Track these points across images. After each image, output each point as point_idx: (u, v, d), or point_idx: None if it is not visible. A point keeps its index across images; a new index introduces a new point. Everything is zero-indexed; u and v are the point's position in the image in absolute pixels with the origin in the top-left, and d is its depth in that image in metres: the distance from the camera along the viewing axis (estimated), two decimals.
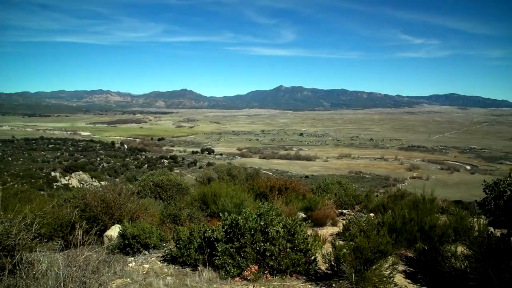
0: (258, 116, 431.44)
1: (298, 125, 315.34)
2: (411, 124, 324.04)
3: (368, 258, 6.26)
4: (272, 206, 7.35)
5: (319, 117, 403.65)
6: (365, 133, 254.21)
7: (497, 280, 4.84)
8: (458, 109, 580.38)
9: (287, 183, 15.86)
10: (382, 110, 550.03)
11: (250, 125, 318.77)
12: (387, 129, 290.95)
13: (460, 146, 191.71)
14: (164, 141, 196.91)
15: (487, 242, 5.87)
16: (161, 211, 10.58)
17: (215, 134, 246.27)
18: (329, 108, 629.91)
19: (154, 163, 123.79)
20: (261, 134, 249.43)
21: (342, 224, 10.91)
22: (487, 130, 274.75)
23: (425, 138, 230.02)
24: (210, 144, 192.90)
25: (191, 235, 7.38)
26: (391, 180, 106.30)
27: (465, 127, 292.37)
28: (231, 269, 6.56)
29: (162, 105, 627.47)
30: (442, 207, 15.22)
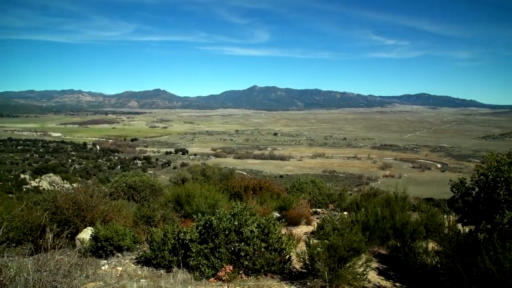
0: (232, 116, 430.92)
1: (272, 125, 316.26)
2: (384, 123, 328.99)
3: (342, 256, 6.33)
4: (246, 206, 7.35)
5: (293, 117, 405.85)
6: (338, 133, 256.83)
7: (466, 275, 4.96)
8: (428, 108, 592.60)
9: (261, 183, 15.89)
10: (355, 109, 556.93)
11: (224, 125, 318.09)
12: (360, 128, 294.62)
13: (431, 144, 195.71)
14: (138, 142, 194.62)
15: (456, 238, 6.01)
16: (135, 212, 10.45)
17: (189, 134, 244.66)
18: (303, 108, 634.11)
19: (127, 164, 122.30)
20: (235, 134, 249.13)
21: (316, 223, 11.01)
22: (457, 129, 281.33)
23: (397, 137, 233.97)
24: (184, 144, 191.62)
25: (165, 237, 7.31)
26: (364, 179, 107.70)
27: (435, 126, 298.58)
28: (205, 269, 6.54)
29: (135, 105, 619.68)
30: (414, 204, 15.52)
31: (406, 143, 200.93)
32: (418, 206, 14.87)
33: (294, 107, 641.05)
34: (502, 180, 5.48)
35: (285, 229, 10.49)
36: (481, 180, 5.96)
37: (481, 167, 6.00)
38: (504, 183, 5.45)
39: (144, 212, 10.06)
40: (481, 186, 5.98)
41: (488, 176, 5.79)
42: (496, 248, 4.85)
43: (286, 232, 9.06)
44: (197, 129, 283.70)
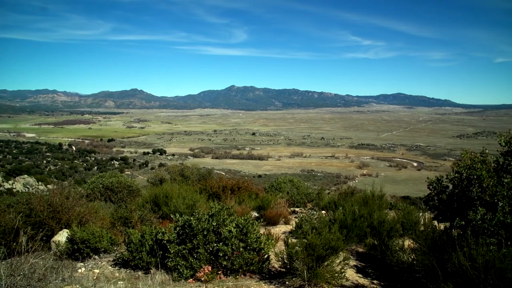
0: (210, 116, 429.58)
1: (250, 125, 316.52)
2: (361, 123, 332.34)
3: (320, 254, 6.37)
4: (224, 206, 7.34)
5: (271, 117, 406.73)
6: (316, 132, 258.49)
7: (441, 271, 5.05)
8: (405, 108, 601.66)
9: (240, 183, 15.89)
10: (333, 109, 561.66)
11: (202, 125, 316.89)
12: (337, 128, 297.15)
13: (407, 143, 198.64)
14: (115, 142, 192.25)
15: (432, 235, 6.11)
16: (112, 214, 10.32)
17: (167, 134, 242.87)
18: (281, 107, 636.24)
19: (104, 165, 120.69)
20: (214, 134, 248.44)
21: (294, 222, 11.06)
22: (432, 128, 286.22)
23: (374, 136, 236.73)
24: (162, 144, 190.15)
25: (142, 238, 7.24)
26: (342, 178, 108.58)
27: (411, 126, 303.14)
28: (184, 270, 6.51)
29: (112, 105, 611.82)
30: (391, 203, 15.71)
31: (383, 142, 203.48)
32: (395, 204, 15.06)
33: (272, 107, 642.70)
34: (475, 177, 5.59)
35: (263, 228, 10.51)
36: (456, 178, 6.07)
37: (456, 165, 6.12)
38: (477, 180, 5.57)
39: (121, 214, 9.95)
40: (456, 184, 6.09)
41: (462, 174, 5.90)
42: (470, 244, 4.96)
43: (264, 231, 9.07)
44: (175, 129, 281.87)
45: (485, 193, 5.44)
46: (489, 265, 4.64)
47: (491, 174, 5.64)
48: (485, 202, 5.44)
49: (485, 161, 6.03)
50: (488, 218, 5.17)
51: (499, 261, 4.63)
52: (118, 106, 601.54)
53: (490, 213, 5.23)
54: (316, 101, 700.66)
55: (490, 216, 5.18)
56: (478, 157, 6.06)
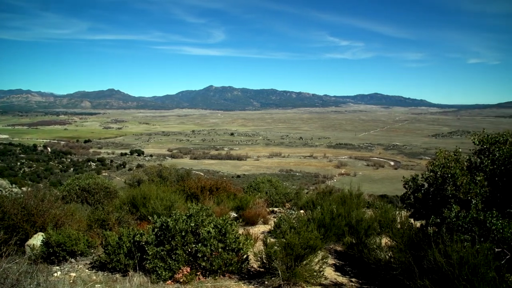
0: (188, 116, 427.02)
1: (229, 125, 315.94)
2: (339, 122, 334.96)
3: (298, 254, 6.41)
4: (203, 206, 7.32)
5: (250, 117, 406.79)
6: (294, 132, 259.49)
7: (417, 268, 5.13)
8: (381, 108, 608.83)
9: (218, 183, 15.85)
10: (311, 109, 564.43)
11: (181, 125, 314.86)
12: (315, 127, 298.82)
13: (384, 143, 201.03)
14: (91, 143, 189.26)
15: (408, 233, 6.21)
16: (89, 216, 10.18)
17: (144, 135, 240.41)
18: (259, 107, 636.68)
19: (81, 166, 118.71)
20: (192, 134, 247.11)
21: (273, 222, 11.08)
22: (408, 128, 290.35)
23: (351, 136, 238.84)
24: (139, 145, 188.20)
25: (120, 240, 7.17)
26: (320, 177, 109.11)
27: (388, 125, 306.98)
28: (162, 272, 6.47)
29: (88, 105, 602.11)
30: (368, 201, 15.88)
31: (360, 142, 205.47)
32: (372, 203, 15.23)
33: (251, 107, 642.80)
34: (449, 176, 5.70)
35: (242, 229, 10.51)
36: (431, 176, 6.17)
37: (431, 164, 6.22)
38: (451, 179, 5.67)
39: (98, 216, 9.82)
40: (431, 182, 6.19)
41: (436, 173, 6.01)
42: (445, 241, 5.05)
43: (243, 232, 9.07)
44: (152, 129, 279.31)
45: (459, 191, 5.55)
46: (463, 261, 4.74)
47: (464, 173, 5.75)
48: (459, 200, 5.55)
49: (458, 159, 6.15)
50: (462, 216, 5.28)
51: (472, 257, 4.73)
52: (94, 106, 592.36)
53: (464, 210, 5.34)
54: (294, 101, 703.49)
55: (464, 214, 5.29)
56: (452, 156, 6.18)
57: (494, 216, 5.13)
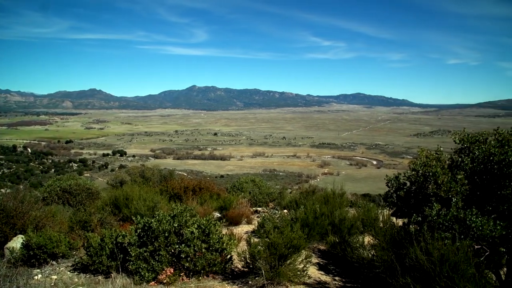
0: (171, 116, 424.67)
1: (212, 125, 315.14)
2: (322, 122, 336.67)
3: (282, 253, 6.43)
4: (186, 207, 7.29)
5: (233, 117, 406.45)
6: (278, 132, 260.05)
7: (400, 265, 5.18)
8: (364, 107, 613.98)
9: (202, 183, 15.80)
10: (294, 109, 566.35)
11: (163, 125, 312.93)
12: (299, 127, 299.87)
13: (366, 142, 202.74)
14: (73, 144, 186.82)
15: (390, 231, 6.27)
16: (70, 217, 10.05)
17: (127, 135, 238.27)
18: (242, 107, 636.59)
19: (62, 167, 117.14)
20: (175, 134, 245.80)
21: (257, 221, 11.11)
22: (390, 127, 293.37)
23: (334, 135, 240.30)
24: (122, 145, 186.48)
25: (102, 241, 7.10)
26: (303, 177, 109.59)
27: (370, 125, 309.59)
28: (145, 273, 6.42)
29: (69, 105, 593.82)
30: (351, 201, 16.00)
31: (343, 141, 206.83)
32: (355, 202, 15.34)
33: (234, 107, 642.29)
34: (430, 174, 5.76)
35: (226, 229, 10.51)
36: (412, 175, 6.24)
37: (412, 163, 6.28)
38: (432, 177, 5.74)
39: (80, 217, 9.70)
40: (412, 181, 6.26)
41: (418, 171, 6.07)
42: (426, 239, 5.11)
43: (227, 232, 9.07)
44: (135, 130, 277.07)
45: (440, 189, 5.62)
46: (444, 258, 4.81)
47: (445, 171, 5.82)
48: (440, 198, 5.62)
49: (439, 158, 6.23)
50: (443, 214, 5.34)
51: (453, 254, 4.80)
52: (76, 106, 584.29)
53: (444, 208, 5.41)
54: (278, 101, 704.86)
55: (445, 212, 5.35)
56: (433, 154, 6.26)
57: (474, 214, 5.21)
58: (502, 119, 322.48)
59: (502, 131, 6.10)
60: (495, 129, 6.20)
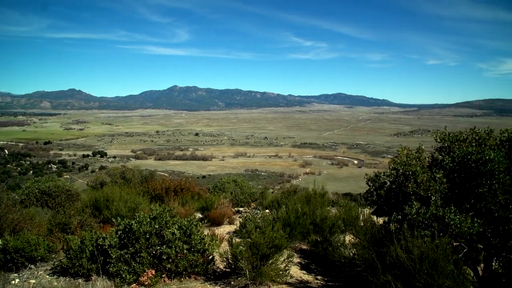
0: (152, 116, 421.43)
1: (194, 125, 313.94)
2: (303, 122, 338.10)
3: (264, 253, 6.43)
4: (166, 208, 7.24)
5: (214, 117, 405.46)
6: (259, 132, 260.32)
7: (380, 264, 5.24)
8: (345, 107, 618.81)
9: (183, 184, 15.73)
10: (276, 109, 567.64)
11: (144, 126, 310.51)
12: (280, 127, 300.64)
13: (348, 142, 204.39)
14: (52, 145, 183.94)
15: (371, 230, 6.33)
16: (49, 220, 9.90)
17: (107, 136, 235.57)
18: (224, 107, 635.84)
19: (41, 168, 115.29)
20: (156, 135, 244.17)
21: (238, 222, 11.10)
22: (371, 127, 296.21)
23: (316, 135, 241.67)
24: (102, 146, 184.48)
25: (82, 244, 7.00)
26: (285, 177, 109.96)
27: (351, 125, 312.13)
28: (126, 275, 6.36)
29: (48, 106, 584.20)
30: (333, 200, 16.13)
31: (325, 141, 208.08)
32: (337, 201, 15.47)
33: (215, 107, 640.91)
34: (410, 173, 5.84)
35: (207, 229, 10.48)
36: (393, 174, 6.30)
37: (393, 162, 6.35)
38: (412, 176, 5.81)
39: (59, 219, 9.56)
40: (393, 180, 6.32)
41: (398, 170, 6.14)
42: (406, 237, 5.17)
43: (209, 232, 9.05)
44: (116, 130, 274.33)
45: (419, 188, 5.69)
46: (424, 256, 4.88)
47: (424, 170, 5.90)
48: (419, 197, 5.69)
49: (419, 157, 6.31)
50: (423, 212, 5.41)
51: (432, 251, 4.87)
52: (54, 107, 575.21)
53: (424, 207, 5.48)
54: (259, 101, 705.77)
55: (424, 210, 5.42)
56: (413, 154, 6.34)
57: (452, 211, 5.29)
58: (479, 118, 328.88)
59: (479, 130, 6.21)
60: (472, 128, 6.32)
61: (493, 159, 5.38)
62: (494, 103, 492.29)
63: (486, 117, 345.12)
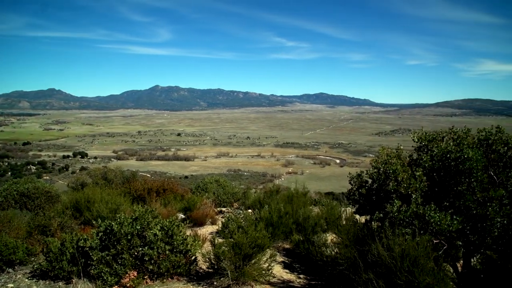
0: (134, 116, 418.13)
1: (176, 125, 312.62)
2: (285, 122, 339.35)
3: (246, 253, 6.43)
4: (148, 208, 7.18)
5: (197, 117, 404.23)
6: (242, 132, 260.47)
7: (362, 262, 5.27)
8: (327, 107, 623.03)
9: (165, 184, 15.61)
10: (258, 109, 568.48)
11: (126, 126, 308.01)
12: (263, 127, 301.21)
13: (330, 141, 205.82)
14: (31, 146, 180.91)
15: (353, 229, 6.38)
16: (28, 222, 9.73)
17: (88, 136, 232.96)
18: (206, 107, 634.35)
19: (20, 170, 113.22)
20: (138, 135, 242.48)
21: (221, 222, 11.07)
22: (353, 126, 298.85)
23: (298, 135, 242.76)
24: (83, 147, 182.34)
25: (62, 246, 6.90)
26: (268, 177, 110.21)
27: (333, 124, 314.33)
28: (108, 277, 6.29)
29: (27, 106, 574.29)
30: (315, 199, 16.21)
31: (307, 141, 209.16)
32: (319, 200, 15.56)
33: (197, 107, 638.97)
34: (391, 172, 5.89)
35: (190, 230, 10.43)
36: (374, 173, 6.36)
37: (374, 161, 6.41)
38: (393, 174, 5.87)
39: (39, 221, 9.41)
40: (374, 179, 6.38)
41: (379, 169, 6.20)
42: (388, 235, 5.22)
43: (191, 233, 9.00)
44: (96, 130, 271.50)
45: (400, 186, 5.75)
46: (405, 253, 4.93)
47: (405, 169, 5.97)
48: (400, 195, 5.75)
49: (400, 156, 6.38)
50: (403, 210, 5.47)
51: (413, 249, 4.92)
52: (33, 107, 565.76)
53: (405, 205, 5.54)
54: (241, 101, 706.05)
55: (405, 208, 5.48)
56: (393, 152, 6.40)
57: (432, 209, 5.35)
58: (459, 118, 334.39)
59: (457, 130, 6.31)
60: (451, 128, 6.42)
61: (471, 157, 5.47)
62: (473, 103, 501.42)
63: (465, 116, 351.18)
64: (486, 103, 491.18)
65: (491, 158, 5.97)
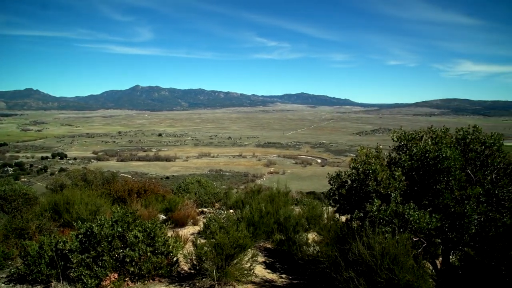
0: (114, 117, 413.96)
1: (156, 126, 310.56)
2: (267, 122, 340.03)
3: (228, 253, 6.43)
4: (128, 210, 7.12)
5: (178, 117, 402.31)
6: (223, 132, 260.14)
7: (343, 260, 5.32)
8: (308, 107, 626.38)
9: (146, 185, 15.50)
10: (239, 109, 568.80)
11: (106, 126, 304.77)
12: (244, 127, 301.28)
13: (311, 141, 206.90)
14: (8, 147, 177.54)
15: (334, 228, 6.43)
16: (5, 225, 9.55)
17: (67, 137, 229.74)
18: (187, 108, 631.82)
19: None
20: (118, 136, 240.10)
21: (203, 222, 11.04)
22: (334, 126, 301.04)
23: (280, 135, 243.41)
24: (62, 148, 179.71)
25: (41, 249, 6.79)
26: (250, 176, 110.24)
27: (315, 124, 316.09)
28: (88, 280, 6.21)
29: (3, 106, 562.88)
30: (297, 199, 16.28)
31: (288, 141, 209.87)
32: (300, 200, 15.63)
33: (178, 107, 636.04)
34: (370, 172, 5.96)
35: (171, 231, 10.37)
36: (354, 173, 6.42)
37: (353, 161, 6.46)
38: (372, 174, 5.93)
39: (16, 224, 9.23)
40: (354, 178, 6.44)
41: (358, 169, 6.26)
42: (368, 234, 5.28)
43: (172, 234, 8.95)
44: (76, 131, 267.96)
45: (379, 185, 5.82)
46: (385, 251, 4.99)
47: (384, 168, 6.04)
48: (380, 194, 5.82)
49: (379, 156, 6.45)
50: (383, 209, 5.54)
51: (393, 247, 4.99)
52: (10, 107, 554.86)
53: (384, 204, 5.61)
54: (223, 101, 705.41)
55: (385, 207, 5.55)
56: (372, 152, 6.47)
57: (411, 208, 5.43)
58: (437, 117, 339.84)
59: (436, 129, 6.41)
60: (429, 127, 6.52)
61: (449, 156, 5.56)
62: (451, 103, 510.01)
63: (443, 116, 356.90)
64: (463, 103, 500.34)
65: (468, 157, 6.09)
